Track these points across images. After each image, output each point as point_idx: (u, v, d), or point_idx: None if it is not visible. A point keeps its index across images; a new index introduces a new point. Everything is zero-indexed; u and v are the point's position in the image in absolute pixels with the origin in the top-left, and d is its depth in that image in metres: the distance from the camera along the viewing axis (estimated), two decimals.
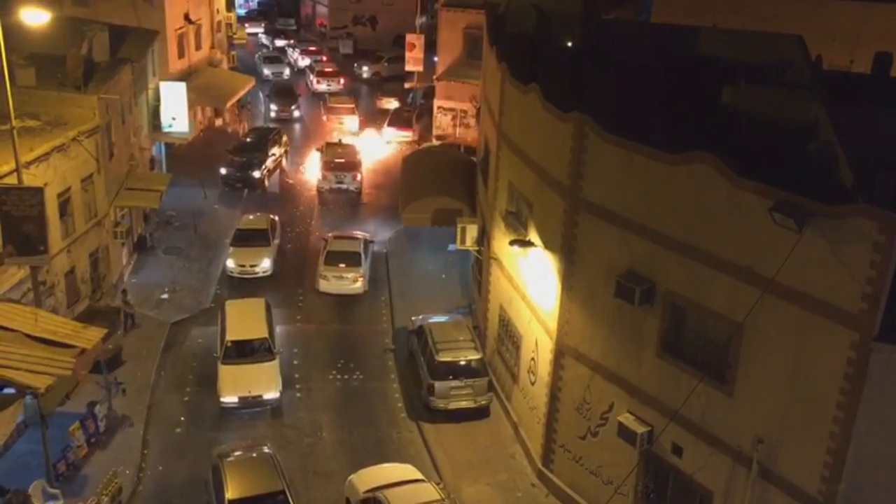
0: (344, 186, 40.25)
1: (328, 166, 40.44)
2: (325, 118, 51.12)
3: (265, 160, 40.76)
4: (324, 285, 31.38)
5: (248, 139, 43.35)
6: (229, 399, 24.17)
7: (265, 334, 25.78)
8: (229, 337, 25.50)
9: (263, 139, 42.66)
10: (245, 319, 26.46)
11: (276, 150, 42.40)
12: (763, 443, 15.85)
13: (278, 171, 42.72)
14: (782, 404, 15.46)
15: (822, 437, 14.74)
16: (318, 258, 32.44)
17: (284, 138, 44.69)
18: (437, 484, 20.46)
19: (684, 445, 17.60)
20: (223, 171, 40.09)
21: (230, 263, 32.08)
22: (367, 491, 19.52)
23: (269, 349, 25.47)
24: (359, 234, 34.68)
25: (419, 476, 20.35)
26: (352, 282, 31.27)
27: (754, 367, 15.88)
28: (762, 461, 15.90)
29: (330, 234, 34.14)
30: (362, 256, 31.90)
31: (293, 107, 52.35)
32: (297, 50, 66.81)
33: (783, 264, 14.65)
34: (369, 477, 20.26)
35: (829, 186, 15.12)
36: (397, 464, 21.53)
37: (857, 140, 16.26)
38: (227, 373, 24.59)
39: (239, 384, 24.27)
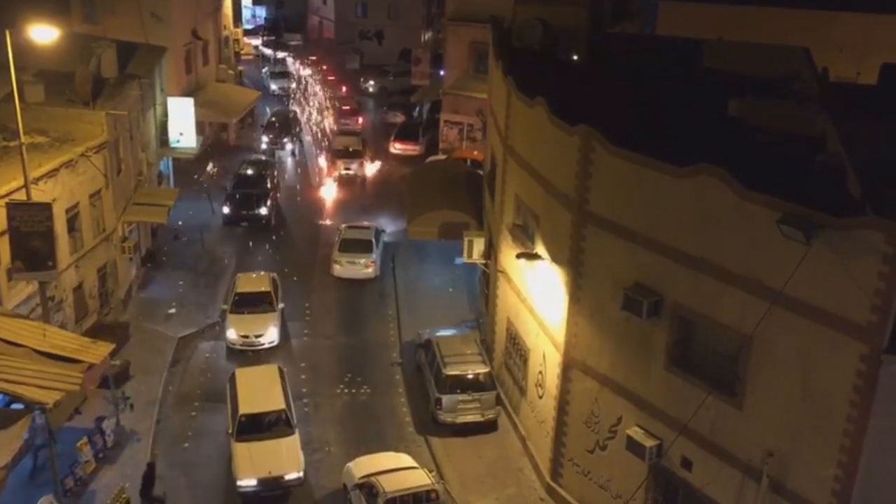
0: (352, 172, 44.06)
1: (337, 154, 44.81)
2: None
3: (268, 194, 38.46)
4: (337, 270, 33.40)
5: (248, 171, 40.51)
6: (247, 482, 21.27)
7: (282, 405, 23.01)
8: (242, 410, 22.71)
9: (263, 172, 40.41)
10: (258, 389, 23.71)
11: (273, 183, 40.23)
12: (773, 456, 15.75)
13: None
14: (792, 417, 15.37)
15: (833, 450, 14.65)
16: (321, 273, 33.30)
17: (276, 172, 42.20)
18: (431, 472, 21.24)
19: (694, 459, 17.51)
20: (225, 209, 37.32)
21: (230, 334, 28.17)
22: (363, 477, 20.59)
23: (287, 422, 22.73)
24: (370, 224, 36.30)
25: (413, 464, 21.34)
26: (364, 267, 33.28)
27: (763, 379, 15.80)
28: (772, 475, 15.80)
29: (343, 225, 35.94)
30: (373, 244, 33.89)
31: (286, 139, 48.31)
32: (297, 62, 68.16)
33: (791, 276, 14.61)
34: (365, 464, 21.35)
35: (837, 198, 15.08)
36: (393, 452, 22.35)
37: (865, 151, 16.24)
38: (242, 452, 21.78)
39: (257, 464, 21.45)
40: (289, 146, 48.28)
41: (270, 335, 28.31)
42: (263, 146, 47.81)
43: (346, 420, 25.23)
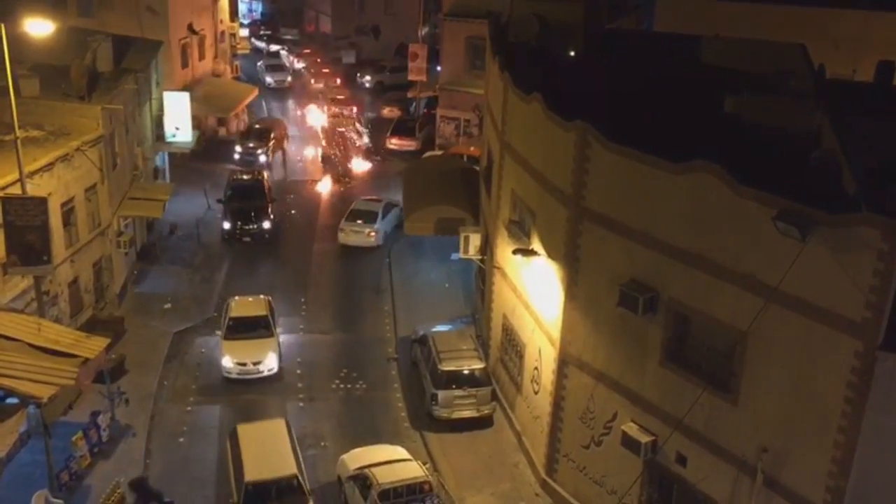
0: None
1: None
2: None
3: (268, 205, 36.63)
4: (342, 237, 35.56)
5: (243, 181, 38.69)
6: None
7: (293, 470, 20.42)
8: (249, 477, 19.96)
9: (258, 180, 38.65)
10: (265, 450, 20.97)
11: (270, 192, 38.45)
12: (767, 452, 15.79)
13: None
14: (787, 413, 15.41)
15: (827, 446, 14.69)
16: (318, 268, 33.73)
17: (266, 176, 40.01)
18: (424, 464, 21.33)
19: (688, 455, 17.55)
20: (226, 225, 35.63)
21: (226, 362, 26.08)
22: (357, 468, 20.78)
23: (299, 489, 20.15)
24: (381, 198, 37.99)
25: (407, 456, 21.52)
26: (366, 236, 35.36)
27: (758, 375, 15.83)
28: (767, 470, 15.84)
29: (361, 197, 38.25)
30: (379, 216, 35.80)
31: (259, 151, 44.58)
32: (292, 55, 68.41)
33: (787, 273, 14.63)
34: (359, 456, 21.52)
35: (833, 195, 15.10)
36: (387, 445, 22.48)
37: (861, 148, 16.26)
38: None
39: None
40: (263, 157, 44.45)
41: (269, 362, 26.32)
42: (236, 156, 44.50)
43: (342, 415, 25.23)
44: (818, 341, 14.63)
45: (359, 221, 35.63)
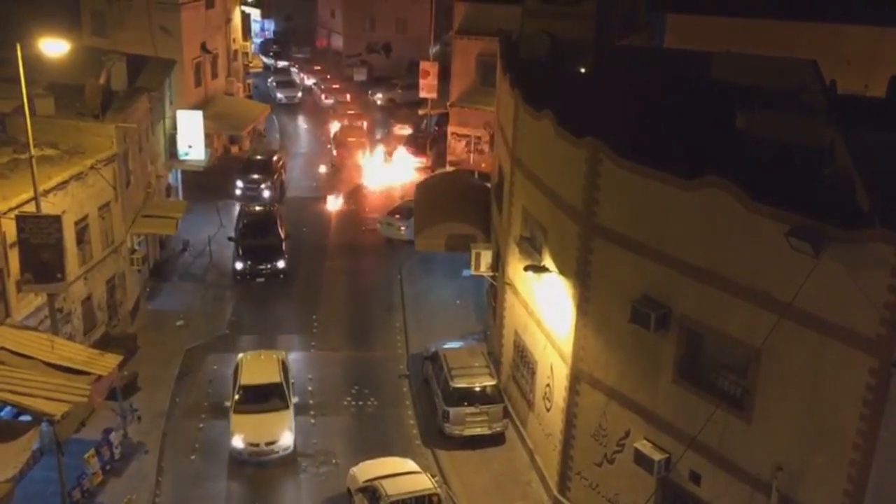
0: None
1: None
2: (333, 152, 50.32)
3: (282, 243, 34.81)
4: (380, 229, 38.92)
5: (254, 215, 36.77)
6: None
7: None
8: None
9: (270, 214, 36.95)
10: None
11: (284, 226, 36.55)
12: (782, 470, 15.65)
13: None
14: (802, 431, 15.28)
15: (843, 464, 14.54)
16: (329, 285, 33.98)
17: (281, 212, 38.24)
18: (434, 477, 21.49)
19: (702, 473, 17.40)
20: (238, 265, 33.85)
21: (236, 442, 23.26)
22: (366, 481, 20.95)
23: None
24: None
25: (416, 469, 21.66)
26: (397, 230, 38.11)
27: (772, 393, 15.72)
28: (782, 489, 15.69)
29: (403, 199, 40.76)
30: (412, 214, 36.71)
31: (263, 185, 42.71)
32: (302, 72, 69.60)
33: (800, 289, 14.55)
34: (369, 468, 21.65)
35: (846, 211, 15.03)
36: (396, 458, 22.58)
37: (874, 164, 16.18)
38: None
39: None
40: (267, 192, 42.58)
41: (285, 440, 23.43)
42: (238, 191, 42.38)
43: (353, 432, 25.18)
44: (832, 358, 14.52)
45: (396, 216, 38.48)
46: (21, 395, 18.94)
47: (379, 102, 62.65)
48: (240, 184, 42.69)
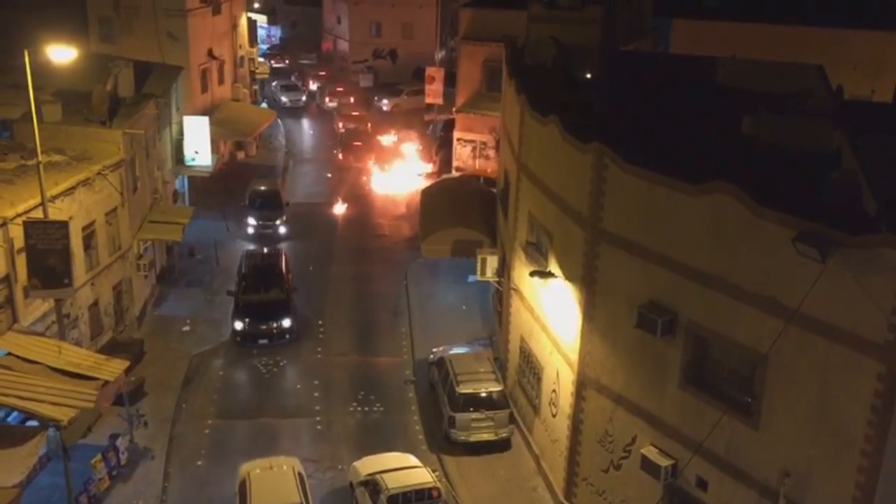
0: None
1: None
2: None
3: (289, 297, 30.60)
4: None
5: (258, 264, 32.31)
6: None
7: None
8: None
9: (274, 263, 32.56)
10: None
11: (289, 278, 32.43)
12: (790, 476, 15.59)
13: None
14: (809, 437, 15.22)
15: (850, 470, 14.47)
16: (335, 291, 34.01)
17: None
18: (434, 472, 21.91)
19: (709, 479, 17.34)
20: (237, 324, 29.42)
21: None
22: (368, 474, 21.39)
23: None
24: None
25: (417, 463, 22.16)
26: None
27: (779, 399, 15.66)
28: (789, 495, 15.62)
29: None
30: None
31: (278, 220, 38.72)
32: (307, 77, 69.85)
33: (807, 295, 14.51)
34: (370, 462, 22.12)
35: (853, 216, 14.99)
36: (398, 452, 22.96)
37: (881, 169, 16.14)
38: None
39: None
40: (283, 229, 38.68)
41: None
42: (250, 230, 38.35)
43: (359, 438, 25.16)
44: (840, 364, 14.46)
45: None
46: (28, 400, 18.99)
47: (385, 108, 62.77)
48: (251, 221, 38.50)
